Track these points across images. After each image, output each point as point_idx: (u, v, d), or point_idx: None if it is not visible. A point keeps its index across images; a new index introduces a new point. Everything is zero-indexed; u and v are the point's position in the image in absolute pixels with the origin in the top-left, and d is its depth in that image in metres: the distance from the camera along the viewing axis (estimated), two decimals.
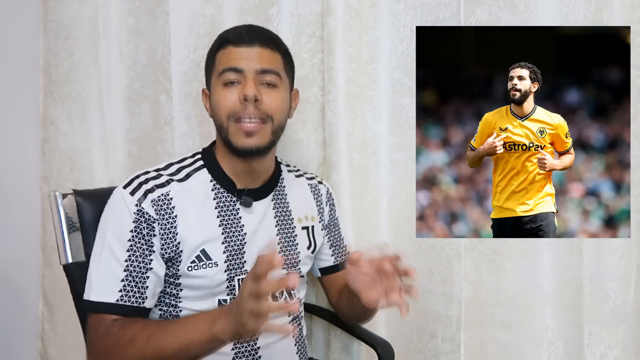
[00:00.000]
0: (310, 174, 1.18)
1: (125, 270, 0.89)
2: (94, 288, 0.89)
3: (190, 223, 0.94)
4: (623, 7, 1.16)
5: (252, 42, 0.96)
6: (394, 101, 1.29)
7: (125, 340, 0.85)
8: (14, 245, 1.55)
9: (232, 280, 0.97)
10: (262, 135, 0.96)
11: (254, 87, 0.94)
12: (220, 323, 0.79)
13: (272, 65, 0.97)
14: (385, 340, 1.14)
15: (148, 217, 0.91)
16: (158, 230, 0.92)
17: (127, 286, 0.89)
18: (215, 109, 0.97)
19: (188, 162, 1.02)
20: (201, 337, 0.81)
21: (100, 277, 0.90)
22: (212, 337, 0.80)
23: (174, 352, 0.82)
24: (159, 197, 0.93)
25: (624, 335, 1.21)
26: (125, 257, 0.90)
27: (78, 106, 1.44)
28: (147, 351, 0.83)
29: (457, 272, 1.23)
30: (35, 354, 1.53)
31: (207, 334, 0.80)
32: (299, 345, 1.07)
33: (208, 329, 0.80)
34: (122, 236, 0.90)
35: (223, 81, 0.96)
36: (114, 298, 0.89)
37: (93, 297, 0.89)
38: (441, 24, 1.23)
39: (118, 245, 0.90)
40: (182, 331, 0.83)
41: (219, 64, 0.97)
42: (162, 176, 0.96)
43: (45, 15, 1.44)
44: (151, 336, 0.84)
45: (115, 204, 0.94)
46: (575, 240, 1.20)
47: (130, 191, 0.93)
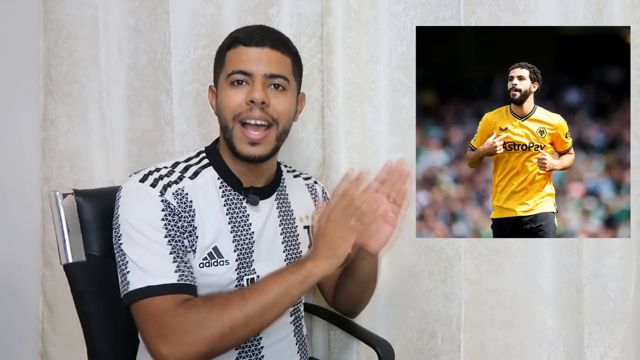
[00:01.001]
0: (305, 174, 1.19)
1: (171, 253, 0.88)
2: (150, 273, 0.86)
3: (205, 219, 0.94)
4: (623, 7, 1.16)
5: (263, 44, 0.96)
6: (394, 101, 1.29)
7: (219, 306, 0.85)
8: (14, 245, 1.55)
9: (241, 280, 0.96)
10: (266, 143, 0.96)
11: (261, 91, 0.94)
12: (310, 260, 0.90)
13: (281, 69, 0.97)
14: (385, 340, 1.14)
15: (173, 207, 0.91)
16: (182, 222, 0.91)
17: (180, 266, 0.88)
18: (221, 108, 0.97)
19: (194, 160, 1.01)
20: (298, 277, 0.88)
21: (151, 263, 0.87)
22: (307, 273, 0.89)
23: (275, 300, 0.86)
24: (177, 191, 0.93)
25: (624, 335, 1.21)
26: (167, 241, 0.88)
27: (78, 106, 1.44)
28: (248, 304, 0.85)
29: (457, 272, 1.23)
30: (35, 354, 1.53)
31: (302, 272, 0.89)
32: (299, 345, 1.07)
33: (301, 266, 0.89)
34: (156, 223, 0.89)
35: (231, 81, 0.96)
36: (175, 278, 0.87)
37: (152, 282, 0.85)
38: (441, 24, 1.23)
39: (157, 232, 0.88)
40: (278, 279, 0.88)
41: (229, 64, 0.97)
42: (173, 172, 0.96)
43: (45, 15, 1.44)
44: (245, 292, 0.87)
45: (139, 196, 0.91)
46: (575, 240, 1.20)
47: (150, 184, 0.92)
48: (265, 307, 0.86)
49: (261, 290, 0.87)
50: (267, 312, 0.86)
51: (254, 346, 0.98)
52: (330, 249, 0.90)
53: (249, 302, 0.85)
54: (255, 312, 0.85)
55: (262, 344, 0.99)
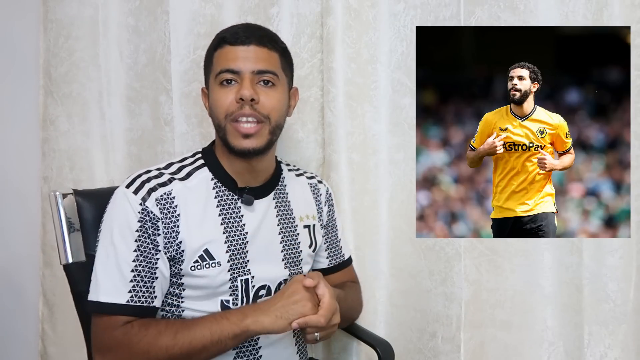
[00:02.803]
0: (310, 173, 1.18)
1: (133, 271, 0.89)
2: (102, 289, 0.89)
3: (192, 222, 0.94)
4: (623, 7, 1.16)
5: (249, 41, 0.96)
6: (394, 101, 1.28)
7: (150, 338, 0.86)
8: (14, 245, 1.55)
9: (234, 281, 0.97)
10: (260, 136, 0.96)
11: (250, 88, 0.94)
12: (251, 317, 0.88)
13: (269, 65, 0.97)
14: (385, 340, 1.14)
15: (153, 215, 0.92)
16: (162, 229, 0.92)
17: (137, 286, 0.89)
18: (213, 109, 0.98)
19: (189, 161, 1.02)
20: (233, 329, 0.87)
21: (108, 278, 0.89)
22: (245, 328, 0.88)
23: (204, 345, 0.86)
24: (162, 196, 0.93)
25: (624, 335, 1.21)
26: (133, 257, 0.90)
27: (78, 106, 1.44)
28: (176, 346, 0.85)
29: (457, 272, 1.23)
30: (35, 354, 1.53)
31: (238, 325, 0.87)
32: (299, 345, 1.07)
33: (240, 320, 0.88)
34: (128, 236, 0.90)
35: (220, 80, 0.96)
36: (124, 299, 0.88)
37: (102, 298, 0.88)
38: (441, 24, 1.23)
39: (125, 245, 0.90)
40: (213, 324, 0.87)
41: (216, 64, 0.97)
42: (163, 175, 0.96)
43: (45, 15, 1.44)
44: (179, 331, 0.86)
45: (118, 203, 0.93)
46: (575, 240, 1.20)
47: (133, 190, 0.93)
48: (192, 352, 0.87)
49: (193, 335, 0.86)
50: (194, 356, 0.87)
51: (252, 346, 0.98)
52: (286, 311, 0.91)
53: (178, 344, 0.86)
54: (182, 355, 0.86)
55: (260, 344, 0.99)
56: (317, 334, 0.92)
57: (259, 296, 1.00)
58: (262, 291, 1.00)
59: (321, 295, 0.93)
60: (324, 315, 0.91)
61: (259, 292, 1.00)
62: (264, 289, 1.00)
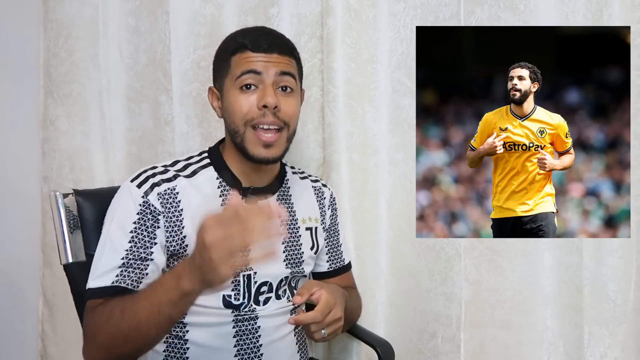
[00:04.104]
0: (314, 177, 1.19)
1: (123, 258, 0.90)
2: (94, 276, 0.90)
3: (196, 219, 0.94)
4: (623, 7, 1.16)
5: (271, 50, 0.96)
6: (394, 101, 1.29)
7: (105, 317, 0.84)
8: (14, 245, 1.55)
9: (237, 276, 0.97)
10: (279, 144, 0.97)
11: (273, 95, 0.94)
12: (185, 277, 0.76)
13: (290, 68, 0.98)
14: (385, 340, 1.14)
15: (153, 209, 0.93)
16: (163, 223, 0.93)
17: (125, 272, 0.89)
18: (230, 113, 0.97)
19: (195, 159, 1.03)
20: (170, 296, 0.78)
21: (100, 266, 0.90)
22: (182, 293, 0.77)
23: (147, 318, 0.79)
24: (165, 191, 0.94)
25: (624, 335, 1.21)
26: (126, 248, 0.90)
27: (78, 106, 1.44)
28: (124, 322, 0.81)
29: (457, 272, 1.23)
30: (35, 354, 1.53)
31: (175, 291, 0.77)
32: (300, 345, 1.07)
33: (175, 285, 0.77)
34: (125, 227, 0.91)
35: (240, 85, 0.96)
36: (109, 281, 0.89)
37: (92, 284, 0.90)
38: (441, 24, 1.23)
39: (120, 236, 0.91)
40: (151, 295, 0.80)
41: (236, 67, 0.97)
42: (169, 171, 0.98)
43: (45, 15, 1.44)
44: (125, 307, 0.82)
45: (121, 196, 0.95)
46: (575, 240, 1.20)
47: (137, 184, 0.94)
48: (139, 325, 0.80)
49: (137, 307, 0.80)
50: (144, 330, 0.80)
51: (252, 343, 0.98)
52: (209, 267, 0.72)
53: (125, 318, 0.81)
54: (130, 329, 0.81)
55: (261, 342, 0.99)
56: (324, 330, 0.90)
57: (261, 292, 1.00)
58: (264, 287, 1.00)
59: (317, 298, 0.90)
60: (320, 310, 0.89)
61: (260, 288, 1.00)
62: (266, 285, 1.01)
